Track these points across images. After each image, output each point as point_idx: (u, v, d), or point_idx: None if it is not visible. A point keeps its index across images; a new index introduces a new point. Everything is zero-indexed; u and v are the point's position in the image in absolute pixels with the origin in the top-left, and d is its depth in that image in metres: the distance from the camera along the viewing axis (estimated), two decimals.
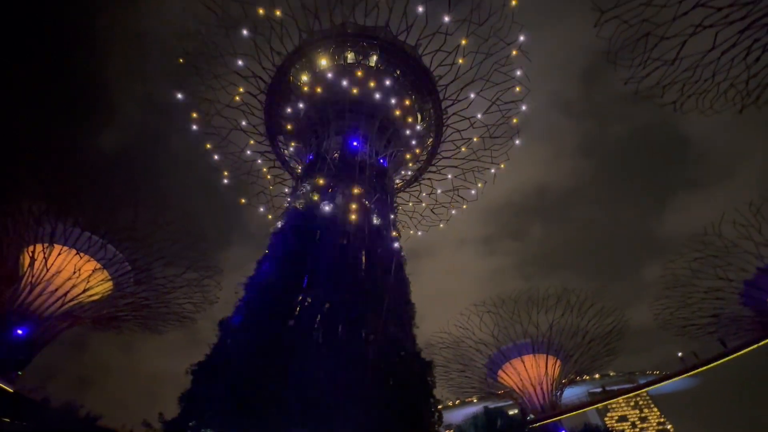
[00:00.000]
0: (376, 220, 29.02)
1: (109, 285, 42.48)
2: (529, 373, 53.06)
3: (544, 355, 52.65)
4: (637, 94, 29.63)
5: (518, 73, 37.78)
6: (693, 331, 49.32)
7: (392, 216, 32.90)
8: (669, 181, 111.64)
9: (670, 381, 51.25)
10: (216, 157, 42.05)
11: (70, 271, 39.92)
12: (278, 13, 34.29)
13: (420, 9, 33.50)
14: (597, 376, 68.45)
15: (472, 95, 38.87)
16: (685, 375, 48.63)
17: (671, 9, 24.44)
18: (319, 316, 20.12)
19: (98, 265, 41.44)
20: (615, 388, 66.15)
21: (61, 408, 31.19)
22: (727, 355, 44.51)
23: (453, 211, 47.90)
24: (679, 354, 50.27)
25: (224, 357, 18.62)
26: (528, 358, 53.24)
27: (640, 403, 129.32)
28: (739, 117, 30.72)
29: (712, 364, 45.72)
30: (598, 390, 68.64)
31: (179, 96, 38.27)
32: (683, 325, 49.61)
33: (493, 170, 43.95)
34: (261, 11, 34.02)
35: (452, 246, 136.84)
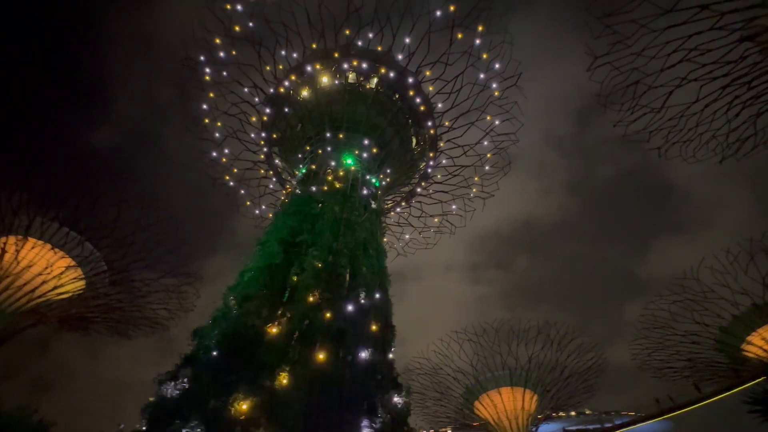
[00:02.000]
0: (363, 239, 28.89)
1: (81, 284, 40.86)
2: (505, 405, 52.24)
3: (522, 389, 52.05)
4: (625, 137, 30.85)
5: (514, 104, 39.11)
6: (669, 373, 49.60)
7: (380, 236, 32.87)
8: (652, 223, 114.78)
9: (644, 423, 51.04)
10: (209, 162, 41.90)
11: (41, 267, 38.35)
12: (285, 27, 35.13)
13: (422, 39, 34.76)
14: (573, 413, 67.75)
15: (467, 124, 39.94)
16: (660, 418, 48.58)
17: (660, 60, 25.79)
18: (296, 333, 19.65)
19: (72, 263, 39.94)
20: (590, 427, 65.43)
21: (12, 412, 29.13)
22: (702, 401, 44.74)
23: (441, 236, 48.21)
24: (656, 398, 50.33)
25: (194, 368, 17.91)
26: (505, 390, 52.53)
27: None
28: (720, 167, 32.14)
29: (686, 409, 45.85)
30: (573, 429, 67.82)
31: (178, 98, 38.39)
32: (660, 367, 49.91)
33: (483, 199, 44.70)
34: (268, 24, 34.80)
35: (439, 271, 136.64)
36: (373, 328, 23.00)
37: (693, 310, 45.04)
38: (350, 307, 22.78)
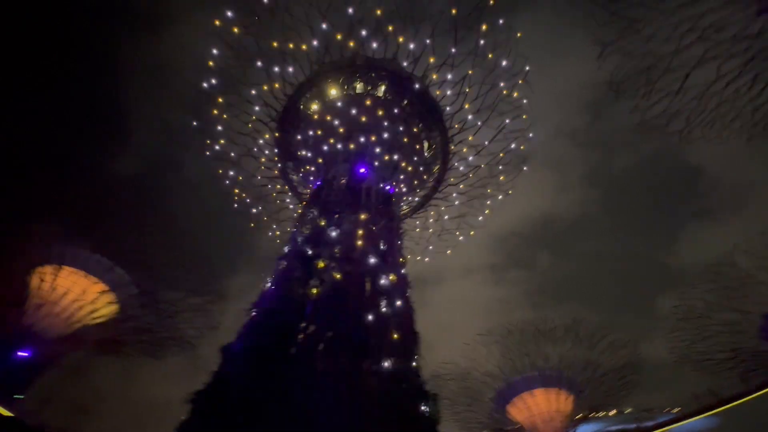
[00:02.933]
0: (381, 247, 28.89)
1: (114, 308, 42.43)
2: (540, 407, 50.83)
3: (555, 389, 50.56)
4: (641, 125, 29.88)
5: (523, 102, 38.58)
6: (711, 366, 47.19)
7: (398, 242, 32.78)
8: (680, 211, 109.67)
9: (689, 421, 48.58)
10: (227, 182, 42.95)
11: (77, 293, 40.07)
12: (291, 45, 35.87)
13: (428, 41, 34.80)
14: (613, 412, 65.22)
15: (479, 123, 39.58)
16: (705, 414, 46.13)
17: (673, 42, 24.96)
18: (321, 345, 19.73)
19: (105, 287, 41.57)
20: (632, 426, 62.75)
21: None
22: (749, 394, 42.27)
23: (460, 238, 47.65)
24: (695, 394, 47.96)
25: (224, 386, 18.21)
26: (538, 392, 51.13)
27: None
28: (747, 146, 30.66)
29: (733, 403, 43.39)
30: (614, 428, 65.19)
31: (194, 123, 39.75)
32: (700, 360, 47.57)
33: (500, 197, 44.03)
34: (274, 44, 35.62)
35: (460, 274, 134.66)
36: (396, 336, 22.85)
37: (731, 298, 42.88)
38: (372, 317, 22.73)
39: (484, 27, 35.07)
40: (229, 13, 35.32)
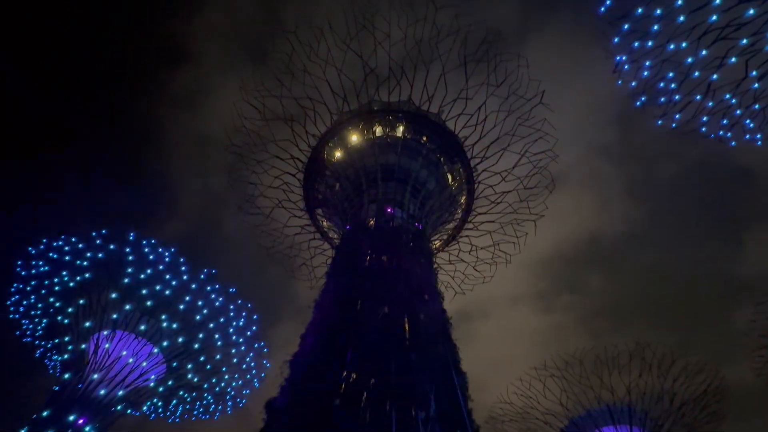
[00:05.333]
0: (417, 285, 28.41)
1: (163, 368, 43.60)
2: None
3: (627, 427, 45.48)
4: (674, 131, 28.74)
5: (544, 123, 38.39)
6: None
7: (433, 279, 32.18)
8: (739, 215, 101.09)
9: None
10: (261, 234, 44.76)
11: (129, 356, 41.69)
12: (311, 100, 38.28)
13: (440, 78, 36.04)
14: None
15: (501, 150, 39.55)
16: None
17: (691, 47, 24.41)
18: (365, 393, 19.11)
19: (155, 350, 43.06)
20: None
21: None
22: None
23: (496, 267, 46.16)
24: None
25: None
26: (608, 430, 46.17)
27: None
28: None
29: None
30: None
31: (229, 183, 42.51)
32: None
33: (533, 221, 42.77)
34: (296, 102, 38.19)
35: (506, 304, 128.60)
36: (443, 377, 21.79)
37: None
38: (415, 359, 21.92)
39: (495, 57, 36.06)
40: (253, 79, 38.61)
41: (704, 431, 47.84)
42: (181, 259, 44.60)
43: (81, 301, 41.87)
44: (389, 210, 34.72)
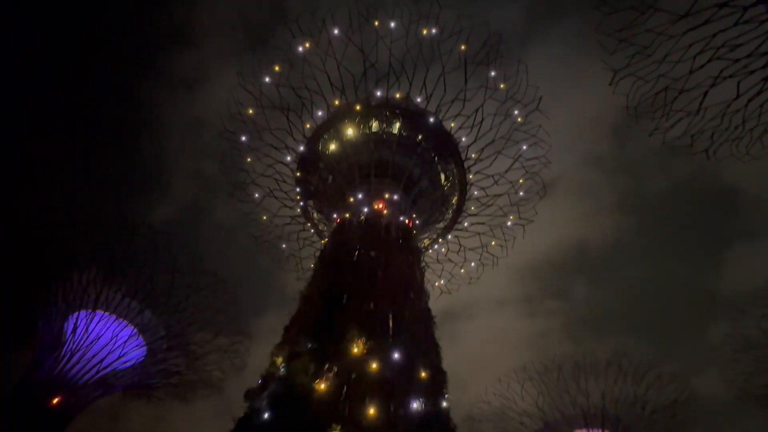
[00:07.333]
0: (403, 282, 28.58)
1: (142, 351, 43.12)
2: None
3: (599, 430, 46.64)
4: (664, 145, 29.22)
5: (539, 130, 38.75)
6: None
7: (420, 277, 32.39)
8: (722, 233, 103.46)
9: None
10: (251, 222, 44.42)
11: (108, 338, 41.11)
12: (309, 91, 37.94)
13: (439, 78, 36.04)
14: None
15: (495, 154, 39.81)
16: None
17: (686, 64, 24.79)
18: (345, 388, 19.24)
19: (134, 331, 42.53)
20: None
21: None
22: None
23: (484, 270, 46.63)
24: None
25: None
26: None
27: None
28: None
29: None
30: None
31: (222, 169, 42.06)
32: (764, 394, 43.08)
33: (523, 226, 43.28)
34: (294, 91, 37.79)
35: (491, 307, 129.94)
36: (423, 375, 22.04)
37: None
38: (397, 355, 22.12)
39: (494, 61, 36.17)
40: (252, 66, 38.04)
41: None
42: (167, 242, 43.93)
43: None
44: (380, 206, 34.75)
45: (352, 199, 35.82)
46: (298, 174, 40.69)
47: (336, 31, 35.79)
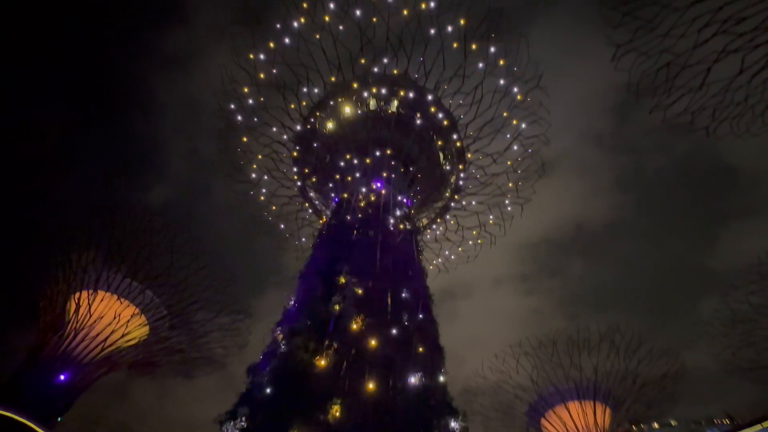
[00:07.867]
0: (401, 260, 28.78)
1: (145, 330, 43.79)
2: (575, 421, 48.56)
3: (591, 402, 48.26)
4: (664, 122, 28.90)
5: (539, 107, 38.17)
6: (763, 374, 43.96)
7: (418, 255, 32.62)
8: (718, 211, 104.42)
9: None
10: (249, 202, 44.22)
11: (110, 317, 41.64)
12: (305, 68, 36.99)
13: (438, 54, 35.15)
14: (655, 425, 61.43)
15: (494, 132, 39.34)
16: (760, 426, 42.78)
17: (690, 38, 24.23)
18: (345, 363, 19.69)
19: (137, 310, 43.04)
20: None
21: None
22: None
23: (482, 248, 46.95)
24: (727, 412, 44.72)
25: (250, 406, 18.40)
26: (573, 405, 48.94)
27: None
28: None
29: None
30: None
31: (219, 148, 41.46)
32: (750, 368, 44.39)
33: (521, 205, 43.26)
34: (290, 68, 36.82)
35: (489, 285, 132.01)
36: (421, 350, 22.54)
37: None
38: (395, 332, 22.55)
39: (492, 35, 35.19)
40: (249, 43, 36.84)
41: (661, 409, 51.43)
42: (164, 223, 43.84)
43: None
44: (378, 184, 34.60)
45: (349, 179, 35.63)
46: (295, 153, 40.27)
47: (332, 5, 34.60)
